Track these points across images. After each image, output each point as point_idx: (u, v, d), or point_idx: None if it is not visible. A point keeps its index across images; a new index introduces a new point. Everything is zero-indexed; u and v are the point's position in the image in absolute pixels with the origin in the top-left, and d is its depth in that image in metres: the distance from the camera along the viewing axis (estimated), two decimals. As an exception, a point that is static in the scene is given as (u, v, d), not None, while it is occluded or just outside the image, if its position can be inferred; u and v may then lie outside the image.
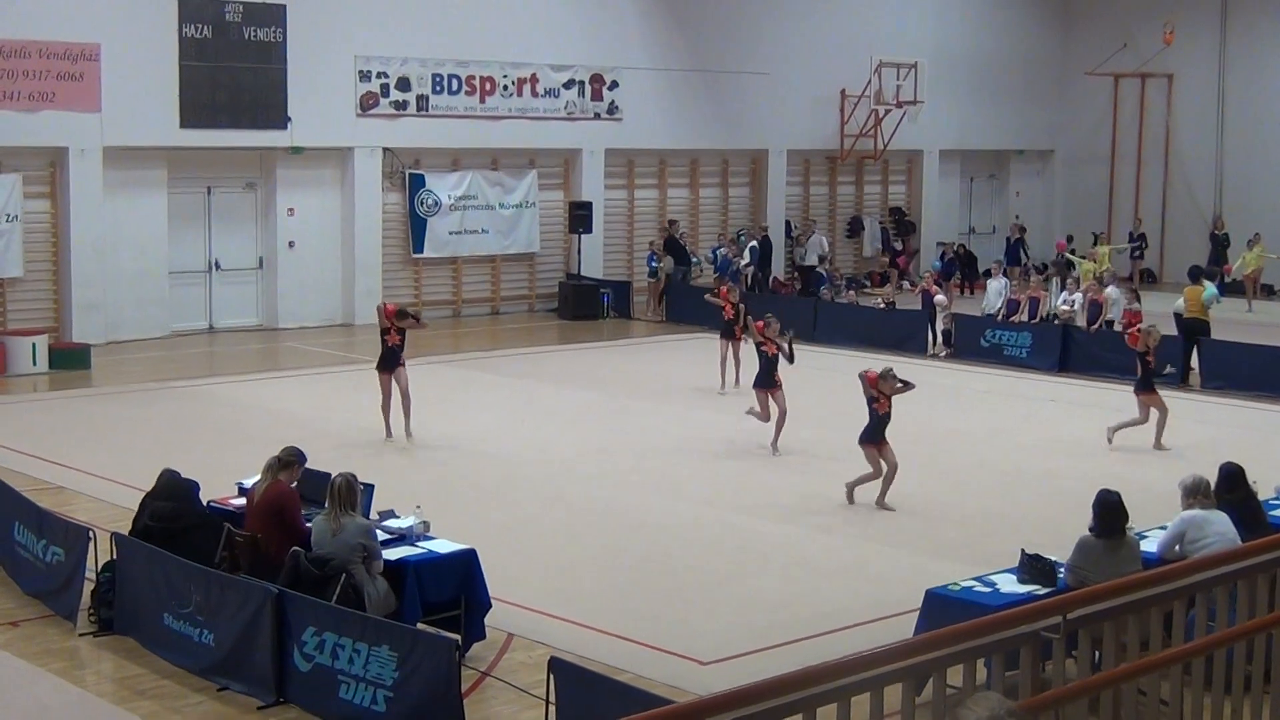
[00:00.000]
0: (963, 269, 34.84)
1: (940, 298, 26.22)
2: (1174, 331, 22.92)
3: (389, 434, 17.35)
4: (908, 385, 14.90)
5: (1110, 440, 17.44)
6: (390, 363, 17.15)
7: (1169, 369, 17.80)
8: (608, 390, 21.49)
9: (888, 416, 14.71)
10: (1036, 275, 26.86)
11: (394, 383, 17.12)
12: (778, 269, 32.82)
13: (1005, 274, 27.69)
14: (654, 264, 29.64)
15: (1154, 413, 17.37)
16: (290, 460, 10.92)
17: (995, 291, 25.87)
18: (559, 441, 17.91)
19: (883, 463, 14.65)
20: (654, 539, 13.71)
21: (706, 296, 21.85)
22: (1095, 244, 32.56)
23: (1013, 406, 20.25)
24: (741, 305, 20.89)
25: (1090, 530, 9.79)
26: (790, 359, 17.18)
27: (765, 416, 17.29)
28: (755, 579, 12.50)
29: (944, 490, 15.74)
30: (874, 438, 14.69)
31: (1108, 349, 23.19)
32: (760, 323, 17.66)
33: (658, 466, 16.67)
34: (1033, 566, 9.96)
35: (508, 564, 12.43)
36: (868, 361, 24.33)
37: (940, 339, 25.36)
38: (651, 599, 11.98)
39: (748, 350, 19.22)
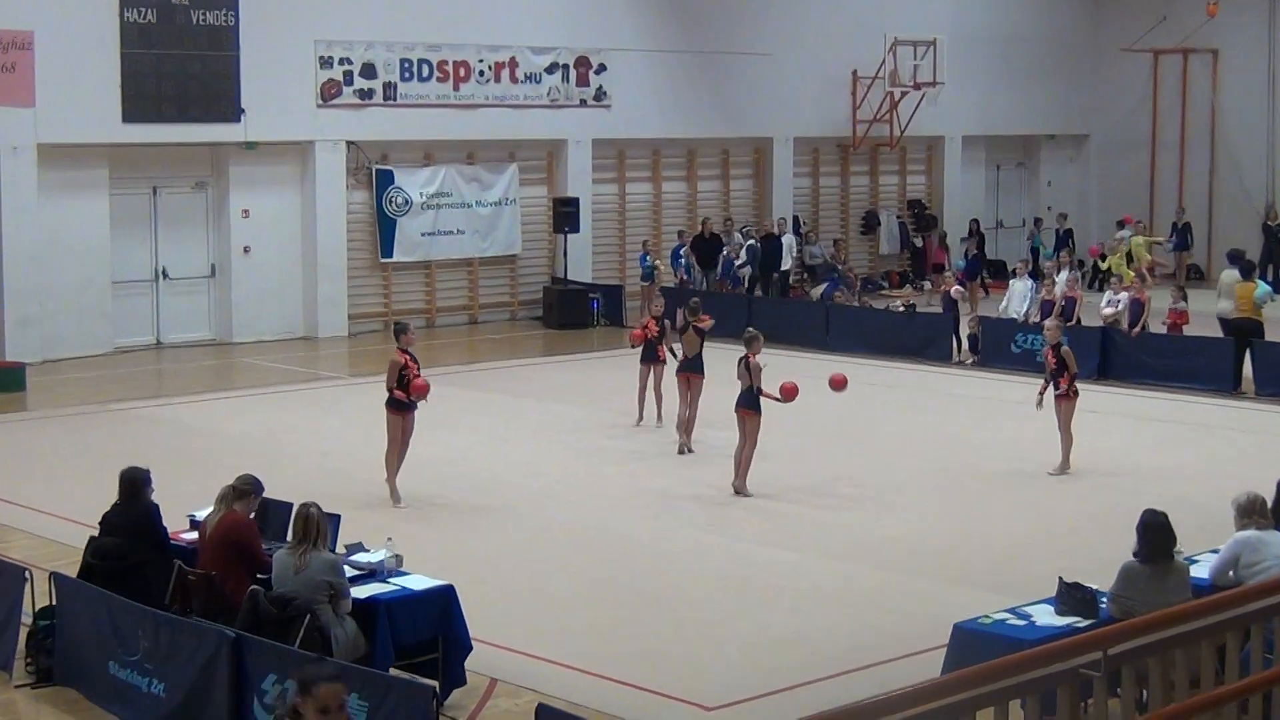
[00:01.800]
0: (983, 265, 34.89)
1: (957, 288, 26.22)
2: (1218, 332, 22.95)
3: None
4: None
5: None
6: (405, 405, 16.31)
7: None
8: (599, 407, 21.45)
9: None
10: (1071, 272, 26.81)
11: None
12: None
13: (1033, 274, 27.67)
14: (646, 264, 29.63)
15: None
16: (246, 490, 10.88)
17: (1020, 294, 25.85)
18: (545, 464, 17.88)
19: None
20: (651, 570, 13.68)
21: (632, 336, 20.15)
22: (1121, 228, 32.46)
23: (1047, 418, 20.21)
24: (666, 321, 19.75)
25: (1135, 555, 9.76)
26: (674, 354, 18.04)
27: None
28: (764, 613, 12.48)
29: (972, 512, 15.71)
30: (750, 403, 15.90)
31: (1151, 353, 23.19)
32: (706, 316, 18.48)
33: (654, 490, 16.64)
34: (1072, 596, 9.94)
35: (490, 601, 12.39)
36: (886, 372, 24.44)
37: (966, 345, 25.36)
38: (649, 637, 11.95)
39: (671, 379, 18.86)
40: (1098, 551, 13.56)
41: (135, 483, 11.24)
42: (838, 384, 16.63)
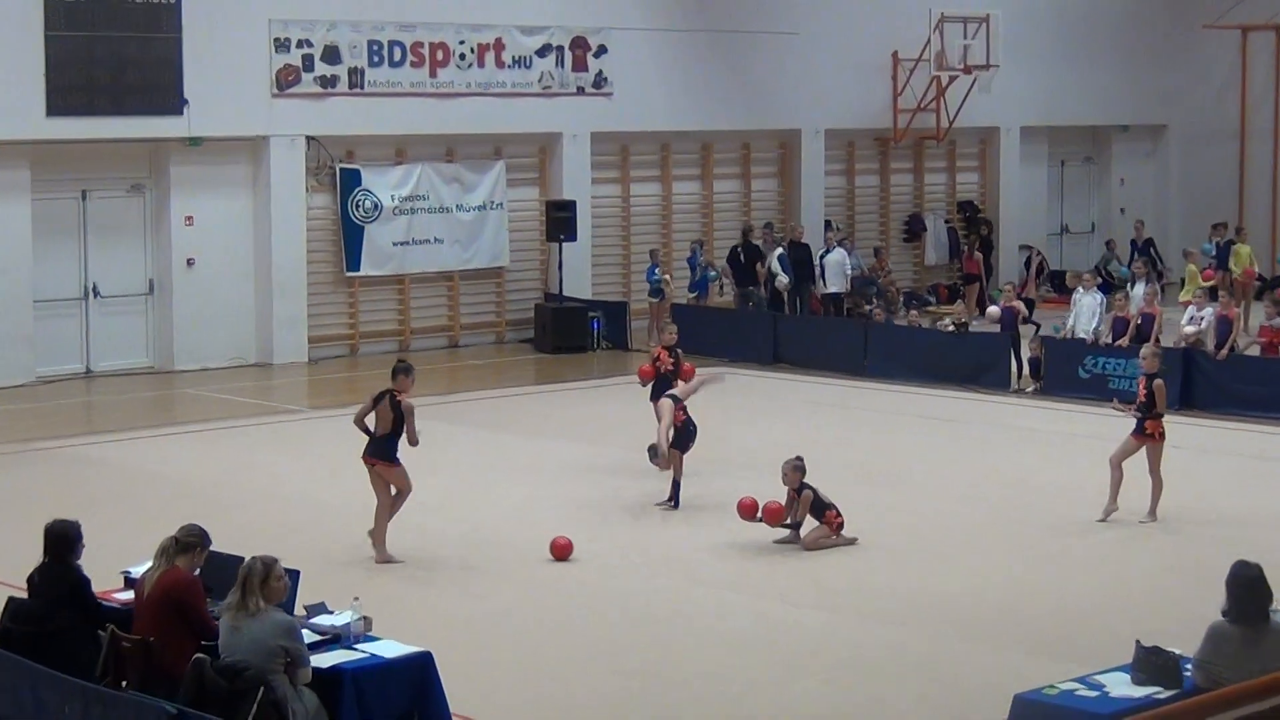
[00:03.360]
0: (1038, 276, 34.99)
1: (992, 309, 26.35)
2: None
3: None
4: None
5: None
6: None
7: None
8: (600, 444, 21.42)
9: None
10: (1149, 285, 26.83)
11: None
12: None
13: (1104, 286, 27.66)
14: (655, 278, 29.66)
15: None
16: (191, 542, 10.87)
17: (1088, 309, 25.84)
18: (538, 512, 17.86)
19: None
20: (663, 635, 13.65)
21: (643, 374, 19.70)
22: (1224, 242, 32.42)
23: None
24: (680, 350, 19.45)
25: (1224, 614, 9.74)
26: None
27: (666, 465, 17.66)
28: (793, 684, 12.44)
29: (1036, 566, 15.69)
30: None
31: (1243, 379, 23.17)
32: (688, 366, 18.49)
33: (666, 540, 16.62)
34: (1151, 662, 9.92)
35: (474, 670, 12.36)
36: (934, 402, 24.42)
37: (1027, 369, 25.35)
38: (661, 712, 11.91)
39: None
40: (1181, 611, 13.51)
41: (62, 539, 11.22)
42: (747, 511, 16.41)
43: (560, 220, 29.83)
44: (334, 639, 10.83)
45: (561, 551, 15.76)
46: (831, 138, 34.11)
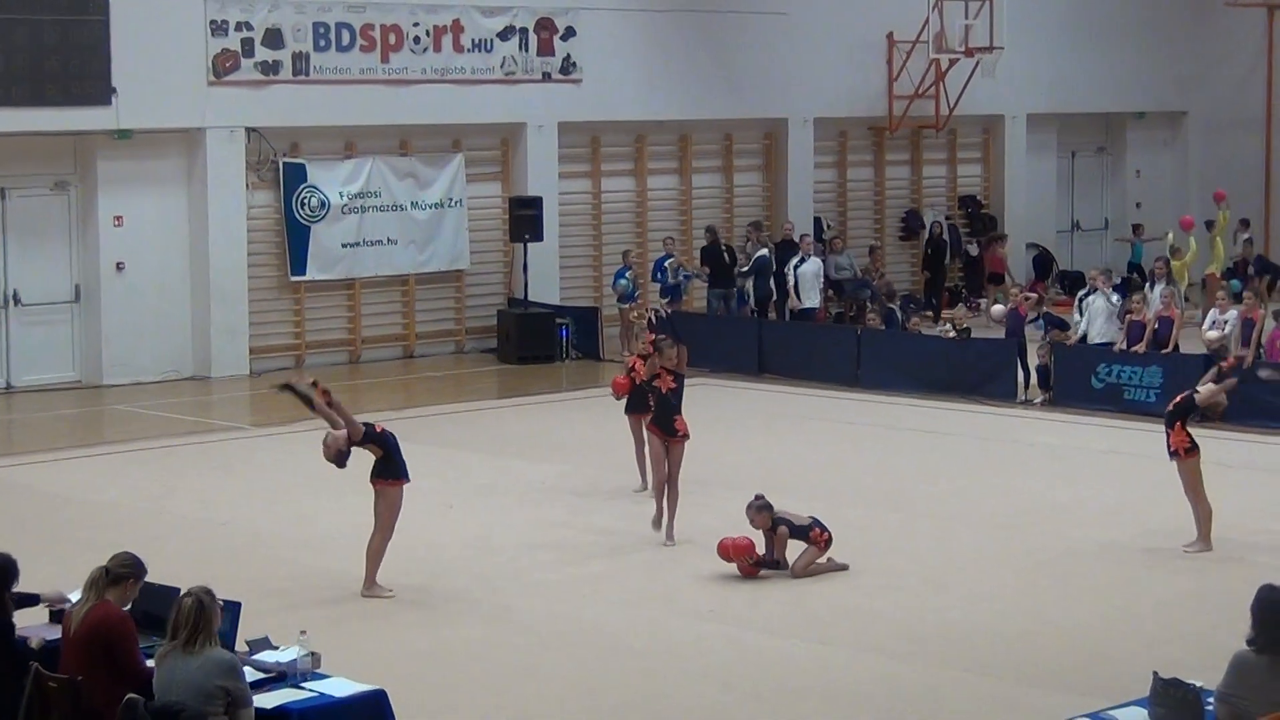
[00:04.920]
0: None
1: (998, 308, 26.43)
2: None
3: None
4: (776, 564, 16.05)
5: None
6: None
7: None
8: (569, 463, 21.43)
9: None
10: (1168, 286, 26.95)
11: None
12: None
13: (1120, 287, 27.72)
14: (623, 281, 29.62)
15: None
16: (124, 573, 10.86)
17: (1102, 313, 25.93)
18: (502, 537, 17.87)
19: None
20: (640, 669, 13.67)
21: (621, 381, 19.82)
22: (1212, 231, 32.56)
23: (1142, 472, 20.25)
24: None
25: (1249, 643, 9.78)
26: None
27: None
28: (782, 723, 12.48)
29: (1044, 593, 15.74)
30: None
31: (1268, 389, 23.21)
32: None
33: (642, 567, 16.64)
34: (1169, 696, 9.95)
35: (432, 710, 12.37)
36: (934, 415, 24.48)
37: (1035, 378, 25.42)
38: (636, 755, 11.95)
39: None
40: (1203, 640, 13.58)
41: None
42: (724, 552, 16.31)
43: (525, 219, 29.82)
44: (279, 677, 10.82)
45: (738, 552, 15.96)
46: (821, 127, 34.17)
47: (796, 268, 30.14)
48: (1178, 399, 17.10)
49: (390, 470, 15.51)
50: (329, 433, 15.33)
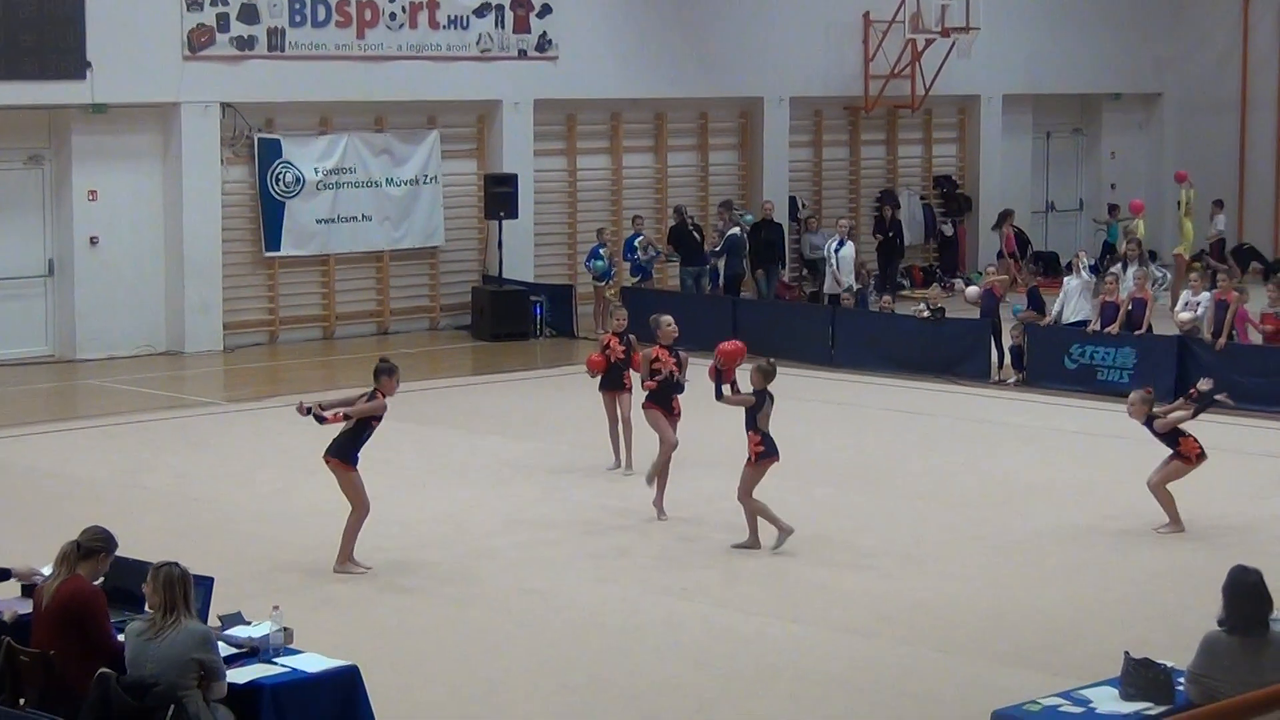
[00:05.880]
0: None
1: (972, 289, 26.46)
2: None
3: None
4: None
5: None
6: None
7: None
8: (543, 440, 21.44)
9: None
10: (1141, 267, 26.97)
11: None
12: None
13: (1094, 268, 27.75)
14: (597, 261, 29.60)
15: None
16: (95, 547, 10.84)
17: (1077, 291, 25.97)
18: (475, 515, 17.87)
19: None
20: (612, 647, 13.70)
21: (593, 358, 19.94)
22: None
23: (1114, 453, 20.30)
24: (631, 336, 19.60)
25: (1220, 624, 9.81)
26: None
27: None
28: (753, 700, 12.49)
29: (1018, 572, 15.77)
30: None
31: (1243, 370, 23.28)
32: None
33: (615, 546, 16.65)
34: (1141, 676, 9.99)
35: (405, 687, 12.38)
36: (908, 394, 24.50)
37: (1008, 359, 25.45)
38: (608, 732, 11.96)
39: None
40: (1174, 620, 13.64)
41: None
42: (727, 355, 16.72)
43: (500, 196, 29.78)
44: (252, 652, 10.82)
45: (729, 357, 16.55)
46: (797, 106, 34.14)
47: (836, 250, 29.66)
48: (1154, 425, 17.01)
49: (346, 453, 15.56)
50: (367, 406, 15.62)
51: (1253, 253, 35.96)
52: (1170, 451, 16.85)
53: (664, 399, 17.84)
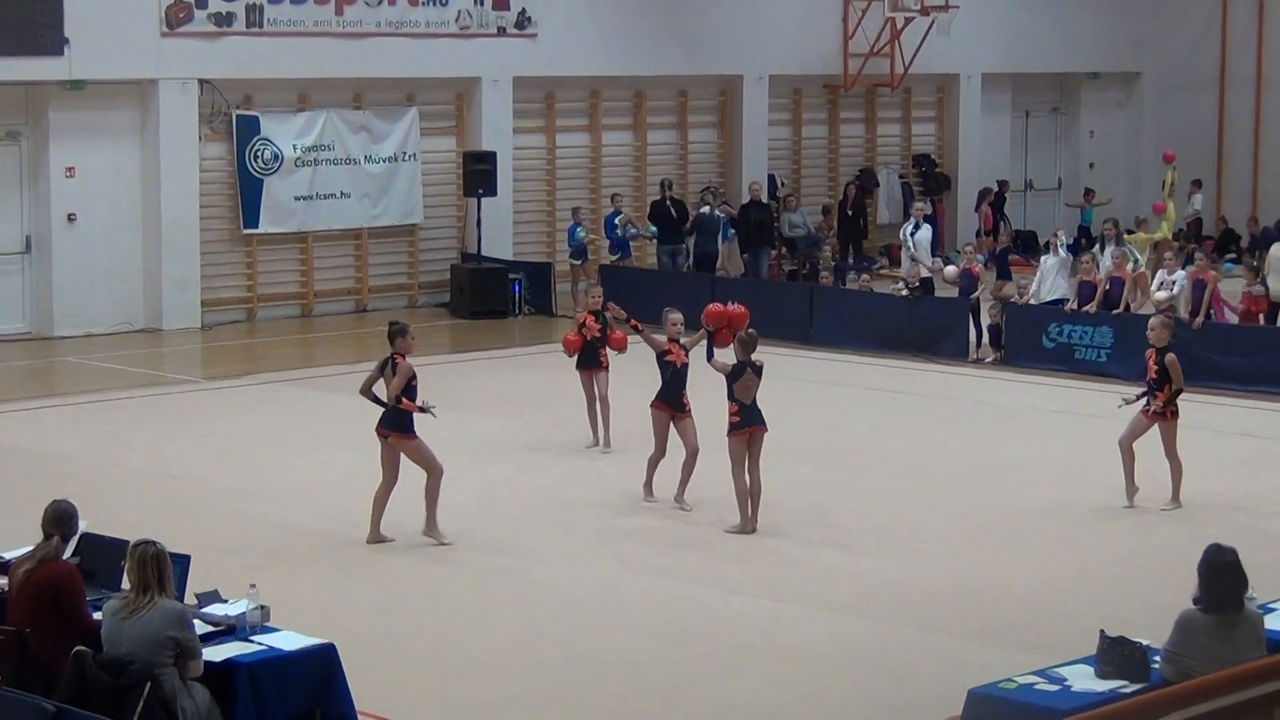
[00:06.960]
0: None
1: (950, 269, 26.45)
2: None
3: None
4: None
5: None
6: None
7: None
8: (521, 418, 21.44)
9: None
10: (1118, 247, 26.99)
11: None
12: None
13: (1072, 248, 27.77)
14: (577, 239, 29.59)
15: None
16: (62, 518, 10.87)
17: (1054, 269, 25.98)
18: (453, 492, 17.85)
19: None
20: (588, 624, 13.71)
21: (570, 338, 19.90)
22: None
23: (1091, 432, 20.35)
24: (608, 313, 19.51)
25: (1195, 602, 9.83)
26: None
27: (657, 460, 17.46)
28: (731, 679, 12.50)
29: (995, 551, 15.81)
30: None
31: (1220, 349, 23.33)
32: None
33: (592, 522, 16.67)
34: (1116, 654, 10.01)
35: (382, 665, 12.38)
36: (886, 373, 24.54)
37: (986, 337, 25.49)
38: (587, 708, 11.96)
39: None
40: (1149, 599, 13.66)
41: None
42: (715, 317, 16.96)
43: (479, 173, 29.77)
44: (228, 630, 10.82)
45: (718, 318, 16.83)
46: (776, 84, 34.14)
47: (912, 235, 29.12)
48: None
49: (403, 424, 15.90)
50: None
51: (1232, 235, 35.94)
52: (1147, 401, 16.93)
53: (674, 397, 17.46)
